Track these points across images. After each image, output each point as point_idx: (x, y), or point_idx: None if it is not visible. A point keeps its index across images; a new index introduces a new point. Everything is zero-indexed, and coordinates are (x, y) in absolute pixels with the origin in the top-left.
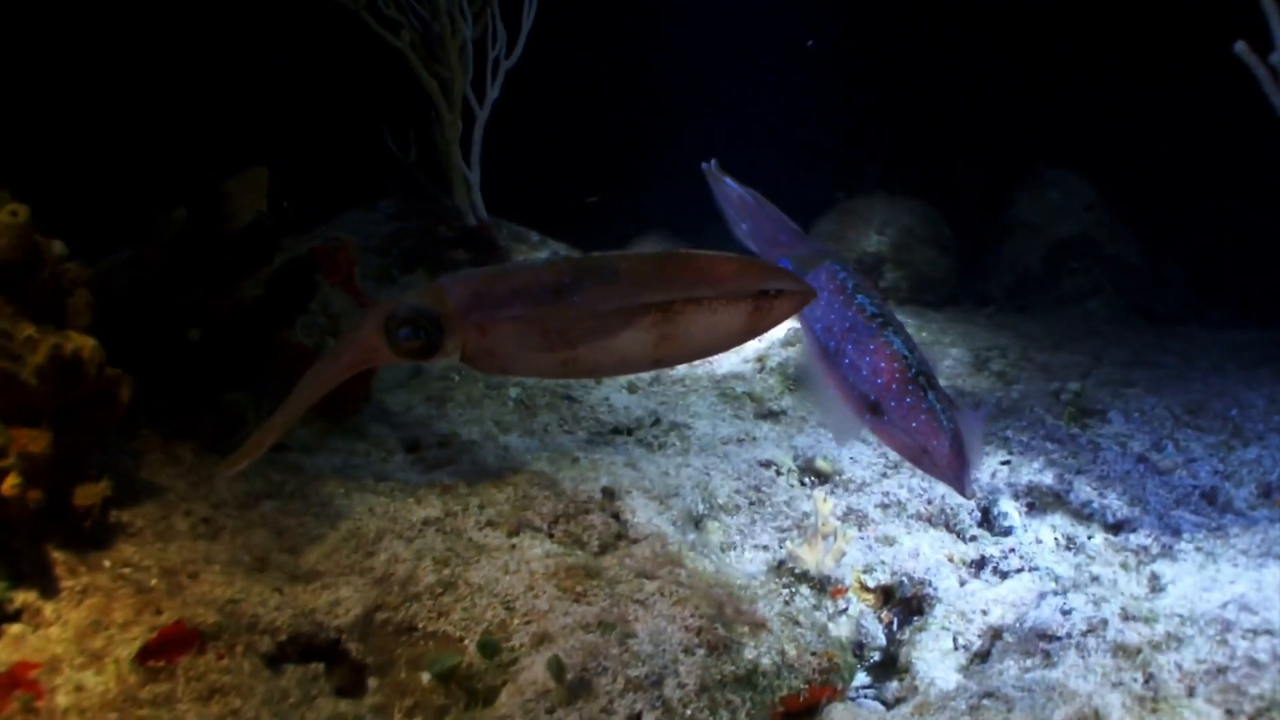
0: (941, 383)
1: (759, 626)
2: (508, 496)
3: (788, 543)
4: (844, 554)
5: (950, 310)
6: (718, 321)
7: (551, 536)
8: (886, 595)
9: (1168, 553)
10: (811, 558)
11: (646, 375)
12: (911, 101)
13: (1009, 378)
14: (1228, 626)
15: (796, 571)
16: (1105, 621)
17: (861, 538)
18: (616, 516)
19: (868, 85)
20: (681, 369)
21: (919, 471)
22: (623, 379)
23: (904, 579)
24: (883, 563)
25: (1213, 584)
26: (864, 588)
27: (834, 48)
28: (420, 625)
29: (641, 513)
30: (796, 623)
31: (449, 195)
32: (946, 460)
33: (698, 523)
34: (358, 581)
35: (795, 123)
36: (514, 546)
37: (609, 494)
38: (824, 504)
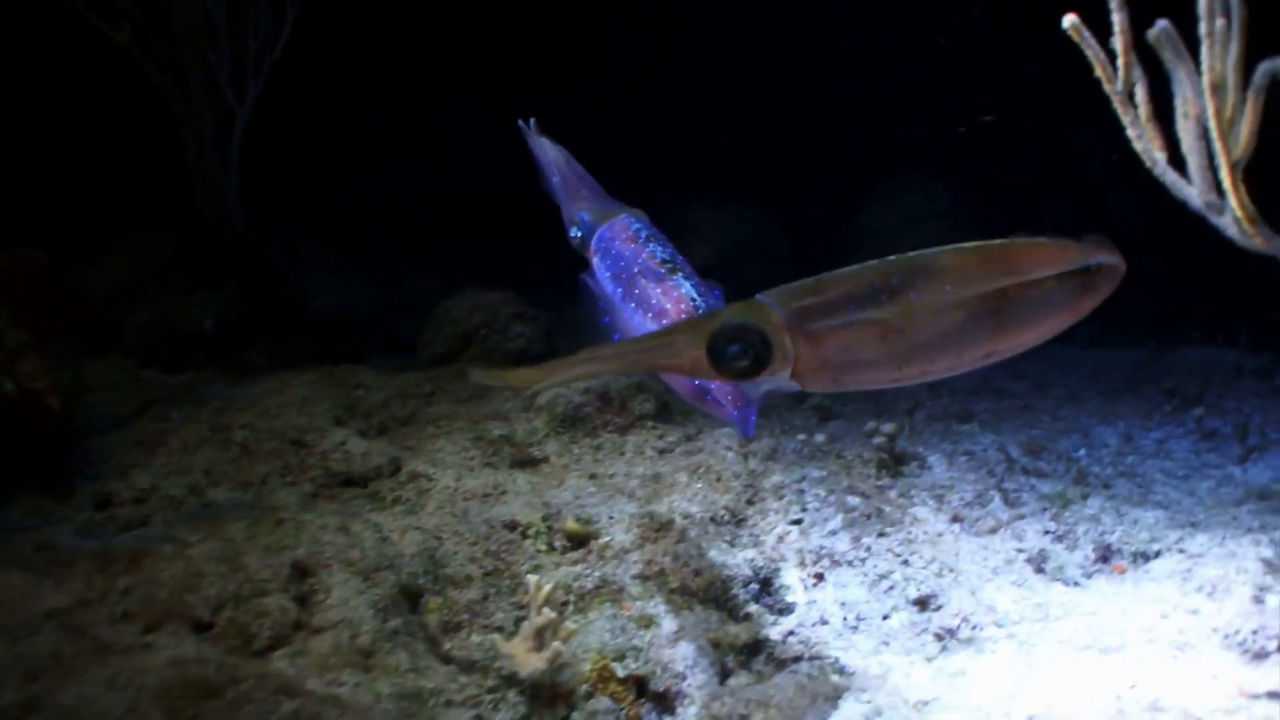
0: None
1: None
2: (174, 574)
3: (494, 638)
4: (560, 654)
5: None
6: (1050, 302)
7: (207, 629)
8: (640, 687)
9: (975, 639)
10: (521, 657)
11: (400, 414)
12: (743, 97)
13: (828, 412)
14: None
15: (504, 673)
16: None
17: (614, 616)
18: (303, 600)
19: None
20: (443, 406)
21: (687, 538)
22: (358, 420)
23: (658, 668)
24: (636, 649)
25: (1021, 687)
26: (613, 678)
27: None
28: None
29: (338, 592)
30: None
31: (201, 204)
32: (730, 398)
33: (415, 600)
34: None
35: (614, 113)
36: (146, 647)
37: (299, 570)
38: (539, 590)
